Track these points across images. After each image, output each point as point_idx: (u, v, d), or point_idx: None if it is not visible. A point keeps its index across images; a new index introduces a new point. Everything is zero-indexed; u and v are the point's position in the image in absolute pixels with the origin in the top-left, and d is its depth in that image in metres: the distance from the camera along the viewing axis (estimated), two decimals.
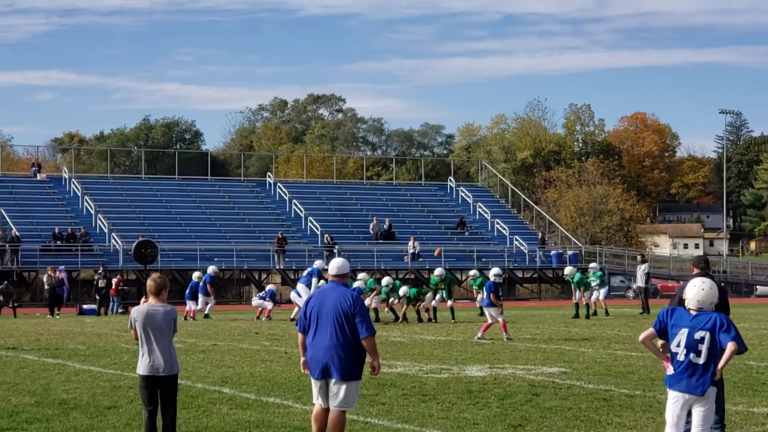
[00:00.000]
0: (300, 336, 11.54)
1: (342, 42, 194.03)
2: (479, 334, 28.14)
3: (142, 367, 11.67)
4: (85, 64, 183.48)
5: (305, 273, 37.53)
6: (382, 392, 16.43)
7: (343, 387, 11.14)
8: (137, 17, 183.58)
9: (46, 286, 48.39)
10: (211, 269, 43.00)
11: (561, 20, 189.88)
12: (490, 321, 28.54)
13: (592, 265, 42.78)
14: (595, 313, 39.98)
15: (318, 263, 37.71)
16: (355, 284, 36.16)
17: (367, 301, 36.14)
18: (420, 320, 36.76)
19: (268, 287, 43.55)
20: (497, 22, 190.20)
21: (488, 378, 18.41)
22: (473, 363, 21.17)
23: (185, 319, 39.69)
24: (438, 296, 37.97)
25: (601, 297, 40.81)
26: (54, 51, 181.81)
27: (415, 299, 37.20)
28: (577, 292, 39.53)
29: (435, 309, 37.60)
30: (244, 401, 15.68)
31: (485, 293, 29.29)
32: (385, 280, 38.34)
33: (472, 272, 45.45)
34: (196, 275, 42.67)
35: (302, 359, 11.55)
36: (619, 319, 38.08)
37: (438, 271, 39.20)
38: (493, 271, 30.37)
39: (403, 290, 37.29)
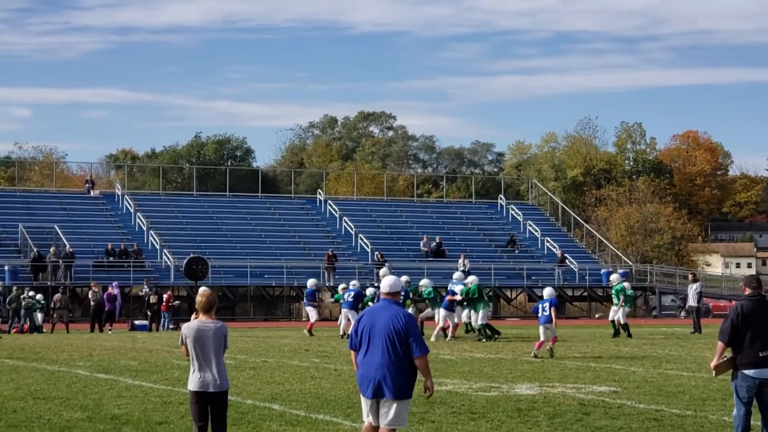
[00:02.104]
0: (353, 353, 11.55)
1: (393, 60, 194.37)
2: (534, 351, 28.35)
3: (192, 383, 11.74)
4: (139, 82, 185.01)
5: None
6: (431, 410, 16.42)
7: (394, 405, 11.13)
8: (190, 35, 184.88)
9: (91, 303, 48.92)
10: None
11: (613, 38, 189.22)
12: (543, 338, 28.70)
13: (613, 277, 40.53)
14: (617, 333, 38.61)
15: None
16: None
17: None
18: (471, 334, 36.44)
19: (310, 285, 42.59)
20: (548, 40, 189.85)
21: (538, 396, 18.36)
22: (523, 381, 21.12)
23: None
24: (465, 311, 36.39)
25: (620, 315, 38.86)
26: (109, 69, 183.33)
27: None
28: (614, 305, 38.38)
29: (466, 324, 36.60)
30: (294, 418, 15.72)
31: (545, 310, 29.42)
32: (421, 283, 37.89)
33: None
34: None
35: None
36: (671, 339, 37.83)
37: (470, 278, 37.48)
38: (548, 291, 30.52)
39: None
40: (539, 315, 30.55)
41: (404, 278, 39.01)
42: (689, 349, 31.47)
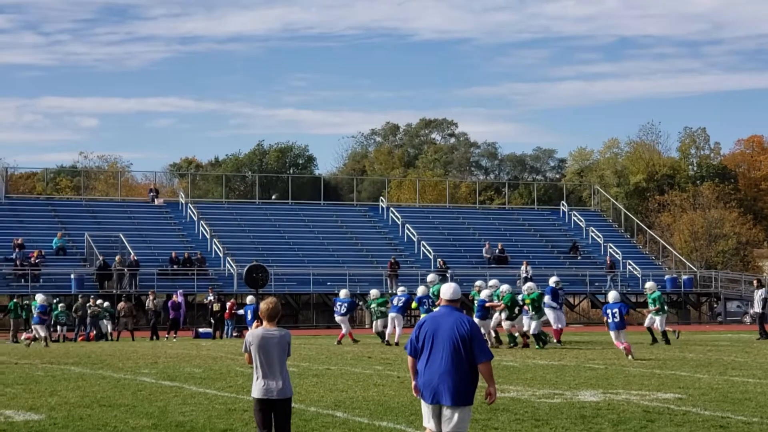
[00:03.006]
0: (411, 359, 11.57)
1: (455, 67, 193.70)
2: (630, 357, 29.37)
3: (256, 391, 11.82)
4: (203, 91, 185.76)
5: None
6: (494, 417, 16.40)
7: (457, 412, 11.15)
8: (254, 44, 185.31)
9: (148, 311, 49.32)
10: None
11: (677, 42, 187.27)
12: (624, 342, 30.14)
13: (648, 285, 39.42)
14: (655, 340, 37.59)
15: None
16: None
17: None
18: (514, 344, 36.20)
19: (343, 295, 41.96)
20: (611, 45, 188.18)
21: (602, 403, 18.28)
22: (586, 388, 21.03)
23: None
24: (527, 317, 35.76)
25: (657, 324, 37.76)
26: (173, 78, 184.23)
27: (511, 309, 36.06)
28: (651, 312, 37.59)
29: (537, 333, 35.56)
30: (357, 425, 15.76)
31: (615, 316, 30.07)
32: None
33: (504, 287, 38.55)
34: (250, 299, 43.37)
35: (414, 383, 11.60)
36: (736, 345, 37.50)
37: (529, 284, 37.42)
38: (614, 295, 31.21)
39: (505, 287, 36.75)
40: (609, 321, 30.69)
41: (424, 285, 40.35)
42: (755, 356, 31.20)
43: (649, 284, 39.36)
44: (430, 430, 11.37)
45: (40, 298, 43.44)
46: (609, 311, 31.09)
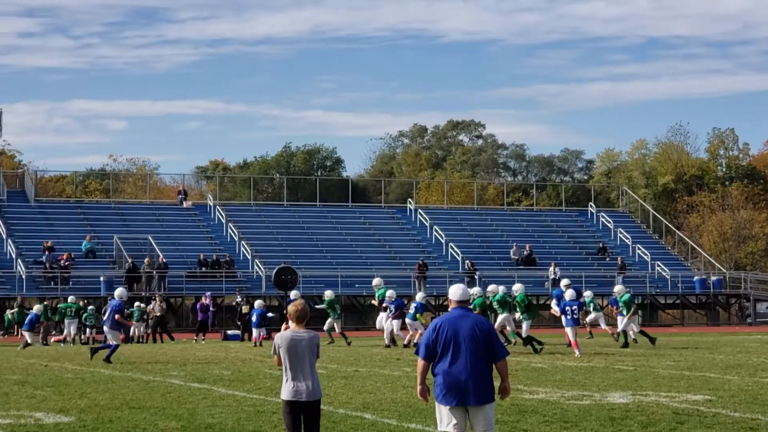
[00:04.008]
0: (423, 363, 11.50)
1: (483, 68, 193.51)
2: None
3: (285, 393, 11.84)
4: (232, 93, 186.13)
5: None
6: (523, 419, 16.39)
7: (487, 410, 11.20)
8: (282, 46, 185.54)
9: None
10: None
11: (706, 43, 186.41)
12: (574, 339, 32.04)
13: (617, 288, 38.58)
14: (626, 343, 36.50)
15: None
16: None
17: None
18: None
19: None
20: (640, 45, 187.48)
21: (631, 405, 18.24)
22: (615, 389, 20.99)
23: (255, 345, 41.37)
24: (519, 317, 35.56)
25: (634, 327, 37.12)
26: (202, 80, 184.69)
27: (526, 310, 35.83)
28: (624, 314, 36.39)
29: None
30: (386, 427, 15.77)
31: (575, 314, 30.99)
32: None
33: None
34: (258, 303, 43.80)
35: (420, 387, 11.56)
36: (766, 346, 37.34)
37: (516, 286, 36.82)
38: (571, 293, 32.13)
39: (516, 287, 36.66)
40: (567, 317, 31.17)
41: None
42: None
43: (618, 288, 38.39)
44: None
45: (36, 308, 44.25)
46: (568, 308, 31.34)
